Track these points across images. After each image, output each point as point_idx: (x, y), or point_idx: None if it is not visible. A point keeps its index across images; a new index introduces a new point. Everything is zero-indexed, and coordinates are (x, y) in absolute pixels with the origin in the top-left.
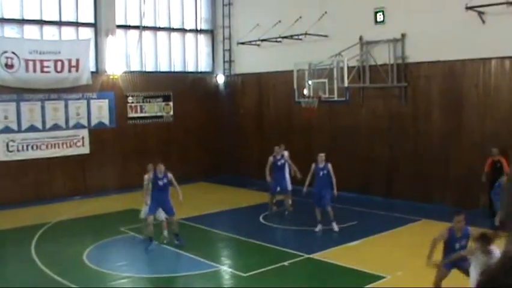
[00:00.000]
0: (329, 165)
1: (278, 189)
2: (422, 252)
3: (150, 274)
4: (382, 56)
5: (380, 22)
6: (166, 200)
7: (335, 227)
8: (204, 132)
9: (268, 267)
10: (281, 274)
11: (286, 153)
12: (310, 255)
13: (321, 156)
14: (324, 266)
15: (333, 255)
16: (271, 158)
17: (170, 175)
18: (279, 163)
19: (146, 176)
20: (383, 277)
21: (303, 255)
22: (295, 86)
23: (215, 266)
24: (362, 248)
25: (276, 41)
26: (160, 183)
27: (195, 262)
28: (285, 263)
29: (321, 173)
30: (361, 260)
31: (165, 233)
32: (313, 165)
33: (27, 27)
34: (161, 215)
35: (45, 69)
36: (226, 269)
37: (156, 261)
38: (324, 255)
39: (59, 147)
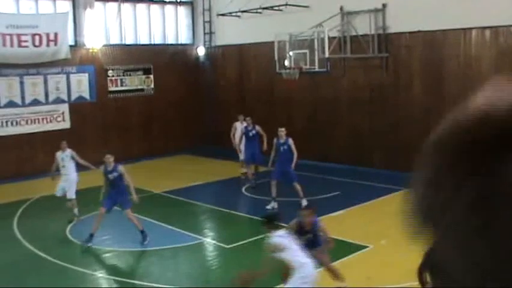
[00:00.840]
0: (290, 140)
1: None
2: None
3: (134, 248)
4: (363, 26)
5: None
6: (120, 194)
7: (304, 202)
8: (185, 104)
9: (251, 239)
10: (264, 245)
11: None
12: None
13: (281, 131)
14: None
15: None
16: (242, 128)
17: (120, 168)
18: (250, 133)
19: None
20: (366, 246)
21: (285, 226)
22: (276, 58)
23: (198, 238)
24: (345, 218)
25: (257, 12)
26: (110, 177)
27: (178, 235)
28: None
29: (281, 148)
30: (344, 230)
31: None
32: (275, 140)
33: (3, 1)
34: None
35: (23, 44)
36: (209, 241)
37: (139, 235)
38: None
39: (39, 122)
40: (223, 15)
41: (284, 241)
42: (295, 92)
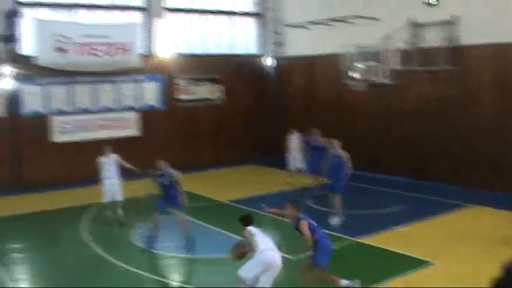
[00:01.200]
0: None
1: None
2: (470, 240)
3: (196, 254)
4: (432, 38)
5: (433, 4)
6: (172, 197)
7: (334, 220)
8: (252, 114)
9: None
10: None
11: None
12: (357, 239)
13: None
14: (370, 250)
15: (380, 239)
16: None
17: (171, 171)
18: (317, 144)
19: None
20: (431, 263)
21: (349, 239)
22: (344, 69)
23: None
24: (409, 232)
25: (326, 24)
26: (162, 181)
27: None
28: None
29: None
30: (408, 245)
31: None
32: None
33: (80, 12)
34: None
35: (97, 53)
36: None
37: (202, 242)
38: (370, 239)
39: (110, 129)
40: (292, 26)
41: (255, 230)
42: (362, 104)
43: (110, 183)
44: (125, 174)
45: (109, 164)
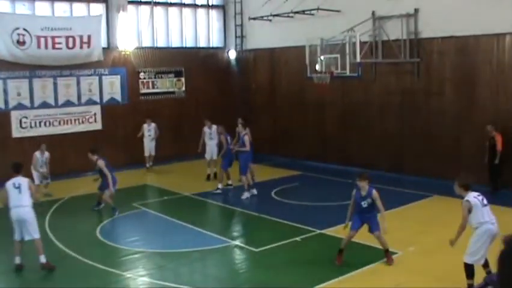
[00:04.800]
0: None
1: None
2: (433, 228)
3: (162, 249)
4: (395, 31)
5: None
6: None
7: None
8: (216, 107)
9: (280, 243)
10: (293, 249)
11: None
12: (323, 231)
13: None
14: (336, 242)
15: (345, 231)
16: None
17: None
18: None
19: None
20: (395, 253)
21: (315, 231)
22: (307, 62)
23: (227, 241)
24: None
25: (288, 16)
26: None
27: (207, 237)
28: (297, 239)
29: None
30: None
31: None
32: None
33: (39, 4)
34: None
35: (57, 46)
36: (238, 244)
37: (168, 237)
38: (336, 231)
39: (71, 123)
40: (254, 19)
41: None
42: (326, 97)
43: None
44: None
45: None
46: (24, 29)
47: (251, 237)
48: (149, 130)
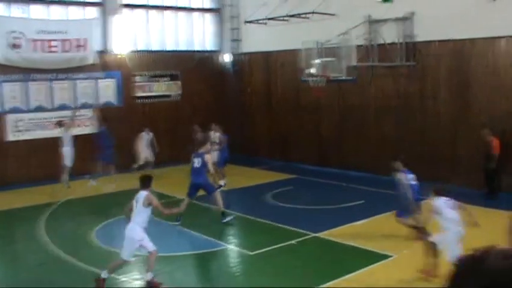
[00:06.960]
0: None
1: None
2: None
3: (158, 253)
4: (390, 34)
5: (388, 0)
6: None
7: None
8: (211, 111)
9: (275, 246)
10: (288, 253)
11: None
12: (317, 234)
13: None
14: (331, 245)
15: (340, 234)
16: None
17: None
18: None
19: None
20: (389, 256)
21: (310, 234)
22: (302, 65)
23: (222, 244)
24: (368, 227)
25: (284, 20)
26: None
27: (202, 241)
28: (293, 242)
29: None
30: (368, 239)
31: None
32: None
33: (34, 7)
34: None
35: (53, 49)
36: (233, 247)
37: (164, 240)
38: (331, 234)
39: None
40: (250, 22)
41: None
42: (322, 100)
43: None
44: None
45: None
46: (20, 32)
47: (246, 240)
48: (147, 140)
